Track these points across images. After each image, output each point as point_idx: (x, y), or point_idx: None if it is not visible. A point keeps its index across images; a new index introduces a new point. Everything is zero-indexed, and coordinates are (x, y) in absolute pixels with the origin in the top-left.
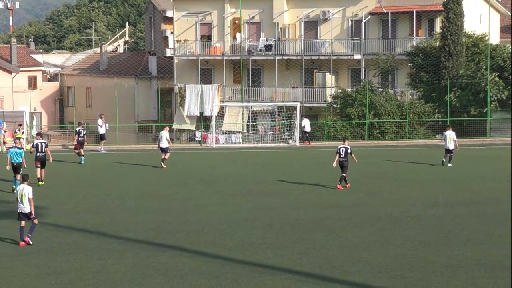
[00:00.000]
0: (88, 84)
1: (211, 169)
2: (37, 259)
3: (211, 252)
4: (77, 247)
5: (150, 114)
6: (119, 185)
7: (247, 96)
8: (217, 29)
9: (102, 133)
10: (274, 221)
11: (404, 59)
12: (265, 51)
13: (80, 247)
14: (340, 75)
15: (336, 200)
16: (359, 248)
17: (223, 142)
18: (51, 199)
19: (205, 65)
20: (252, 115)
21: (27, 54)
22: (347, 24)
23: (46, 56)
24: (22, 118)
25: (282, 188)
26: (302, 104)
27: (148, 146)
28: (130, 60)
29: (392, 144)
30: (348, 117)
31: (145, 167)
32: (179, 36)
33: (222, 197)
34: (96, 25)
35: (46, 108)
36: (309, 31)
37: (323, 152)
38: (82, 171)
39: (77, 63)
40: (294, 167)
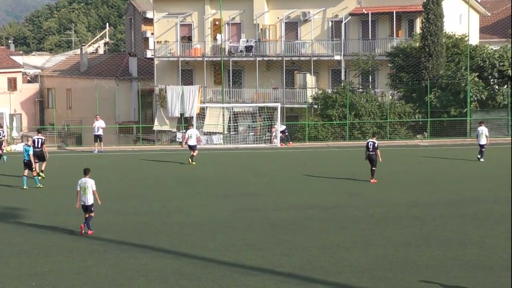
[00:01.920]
0: (68, 85)
1: (193, 170)
2: (18, 260)
3: (193, 253)
4: (58, 248)
5: (130, 115)
6: (99, 186)
7: (228, 97)
8: (197, 30)
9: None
10: (255, 222)
11: (384, 59)
12: (245, 52)
13: (61, 249)
14: (321, 76)
15: (317, 201)
16: (340, 249)
17: (204, 143)
18: (32, 201)
19: (185, 66)
20: (233, 116)
21: (6, 56)
22: (328, 25)
23: (26, 57)
24: (2, 120)
25: (263, 189)
26: (283, 105)
27: (129, 147)
28: (110, 62)
29: None
30: (328, 118)
31: (126, 168)
32: (159, 37)
33: (204, 198)
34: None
35: (26, 110)
36: (289, 32)
37: (304, 153)
38: (63, 172)
39: (57, 64)
40: (275, 168)
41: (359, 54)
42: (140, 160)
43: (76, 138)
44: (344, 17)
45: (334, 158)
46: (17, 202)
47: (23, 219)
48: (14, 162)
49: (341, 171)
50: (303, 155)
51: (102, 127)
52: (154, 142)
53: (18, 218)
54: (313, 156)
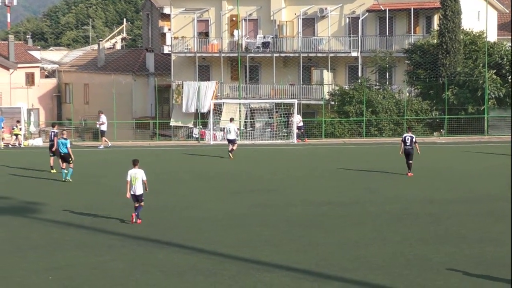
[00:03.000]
0: (86, 80)
1: (209, 166)
2: (35, 255)
3: (209, 249)
4: (75, 243)
5: (147, 110)
6: (116, 182)
7: (244, 93)
8: (214, 26)
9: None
10: (271, 218)
11: (401, 56)
12: (262, 48)
13: (78, 243)
14: (338, 72)
15: (334, 197)
16: (357, 245)
17: (220, 139)
18: (49, 195)
19: (202, 62)
20: (249, 112)
21: (24, 51)
22: (345, 21)
23: (44, 52)
24: (20, 115)
25: (279, 185)
26: (299, 101)
27: (146, 142)
28: (127, 57)
29: (389, 142)
30: (345, 114)
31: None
32: (176, 33)
33: (220, 194)
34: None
35: (44, 105)
36: (306, 28)
37: (320, 149)
38: (80, 168)
39: (74, 59)
40: (292, 164)
41: (376, 51)
42: (157, 155)
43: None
44: (361, 14)
45: (350, 154)
46: (34, 197)
47: (40, 213)
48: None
49: (357, 167)
50: (319, 151)
51: (104, 122)
52: (171, 137)
53: (35, 213)
54: (329, 153)
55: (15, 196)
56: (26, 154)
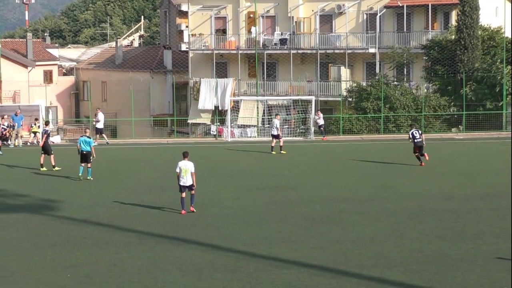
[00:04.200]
0: (104, 78)
1: (226, 163)
2: (53, 252)
3: (227, 246)
4: (93, 240)
5: (165, 108)
6: (134, 179)
7: (262, 90)
8: (232, 23)
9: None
10: (289, 215)
11: (419, 52)
12: (280, 45)
13: (96, 241)
14: (355, 68)
15: (351, 194)
16: (374, 242)
17: (238, 136)
18: (66, 193)
19: (220, 59)
20: (267, 109)
21: (42, 49)
22: (362, 17)
23: (62, 50)
24: (38, 112)
25: (297, 182)
26: (317, 98)
27: (163, 139)
28: (145, 54)
29: (407, 138)
30: (363, 111)
31: (160, 160)
32: (194, 30)
33: (237, 191)
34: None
35: (62, 102)
36: (324, 25)
37: (338, 146)
38: (97, 164)
39: (92, 57)
40: (309, 161)
41: (394, 47)
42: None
43: (111, 131)
44: (379, 10)
45: (368, 151)
46: (52, 195)
47: (58, 211)
48: None
49: (375, 164)
50: (337, 148)
51: (100, 120)
52: (189, 135)
53: (53, 211)
54: (347, 149)
55: (33, 193)
56: None
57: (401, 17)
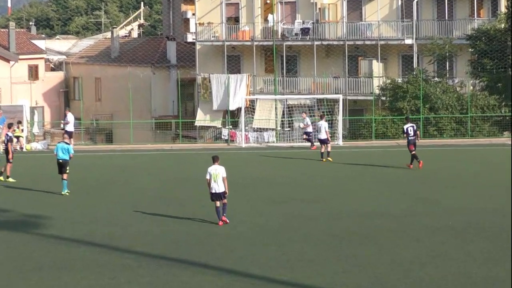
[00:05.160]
0: (98, 74)
1: (240, 172)
2: (39, 277)
3: (241, 269)
4: (85, 262)
5: (168, 108)
6: (132, 191)
7: (281, 87)
8: (245, 10)
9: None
10: (313, 233)
11: (463, 43)
12: (301, 35)
13: (88, 263)
14: (389, 62)
15: (386, 208)
16: (413, 265)
17: (253, 141)
18: (53, 207)
19: (232, 51)
20: (287, 109)
21: (27, 40)
22: (397, 3)
23: (49, 42)
24: (22, 114)
25: (322, 195)
26: (345, 97)
27: (167, 145)
28: (145, 47)
29: (451, 143)
30: (399, 111)
31: (163, 169)
32: (202, 18)
33: (253, 205)
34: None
35: (49, 102)
36: (352, 12)
37: (370, 152)
38: (89, 175)
39: (84, 49)
40: (336, 170)
41: (434, 38)
42: (179, 160)
43: (106, 135)
44: None
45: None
46: (37, 209)
47: (45, 228)
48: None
49: (413, 174)
50: (368, 155)
51: (69, 122)
52: (196, 139)
53: (39, 228)
54: (380, 156)
55: (15, 208)
56: (28, 159)
57: (442, 3)
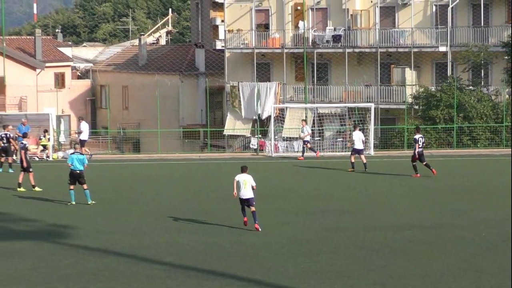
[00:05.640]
0: (125, 82)
1: (269, 182)
2: (65, 287)
3: (270, 280)
4: (112, 273)
5: (197, 117)
6: (160, 201)
7: (311, 95)
8: (275, 16)
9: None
10: (343, 245)
11: (499, 51)
12: (332, 43)
13: (116, 274)
14: (423, 70)
15: (417, 220)
16: (446, 277)
17: (283, 150)
18: (80, 217)
19: (261, 59)
20: (317, 118)
21: (53, 47)
22: (431, 9)
23: (76, 49)
24: (48, 122)
25: (352, 206)
26: (377, 106)
27: (195, 154)
28: (173, 54)
29: (485, 153)
30: (432, 120)
31: (191, 179)
32: (231, 25)
33: (282, 216)
34: (134, 13)
35: (76, 110)
36: (385, 19)
37: (402, 163)
38: (116, 184)
39: (111, 57)
40: (367, 180)
41: (469, 45)
42: (208, 170)
43: (133, 144)
44: (451, 1)
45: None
46: (64, 219)
47: (71, 238)
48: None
49: (445, 184)
50: (400, 165)
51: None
52: (225, 149)
53: (66, 238)
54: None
55: (41, 218)
56: (55, 169)
57: (477, 9)
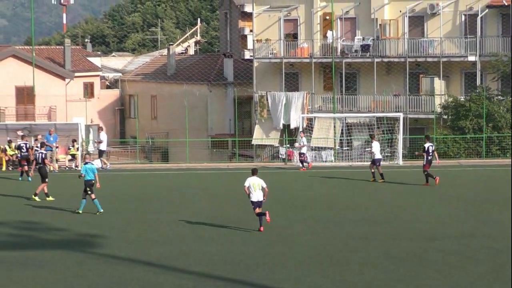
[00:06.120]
0: (153, 91)
1: (298, 192)
2: None
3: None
4: (141, 283)
5: (225, 126)
6: (188, 210)
7: (340, 105)
8: (304, 26)
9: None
10: (372, 255)
11: None
12: (361, 52)
13: (144, 283)
14: (452, 80)
15: (447, 230)
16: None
17: (311, 160)
18: (108, 226)
19: (290, 69)
20: (346, 128)
21: (82, 57)
22: (460, 19)
23: (105, 59)
24: (77, 132)
25: (382, 215)
26: (405, 115)
27: (223, 164)
28: (202, 64)
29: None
30: (461, 130)
31: (220, 188)
32: (259, 35)
33: (311, 225)
34: (162, 23)
35: (105, 120)
36: (414, 28)
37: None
38: (144, 194)
39: (140, 67)
40: (396, 190)
41: (499, 54)
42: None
43: (162, 154)
44: (480, 10)
45: (467, 178)
46: (92, 228)
47: (100, 248)
48: None
49: (475, 194)
50: None
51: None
52: (253, 158)
53: (94, 247)
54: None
55: (70, 227)
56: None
57: (507, 19)
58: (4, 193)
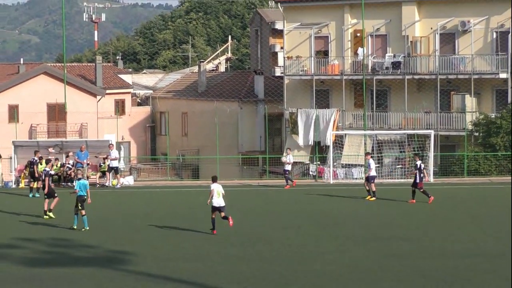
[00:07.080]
0: (184, 108)
1: (329, 209)
2: None
3: None
4: None
5: (256, 143)
6: (220, 228)
7: (370, 122)
8: (335, 43)
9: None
10: (404, 273)
11: None
12: (392, 69)
13: None
14: (483, 97)
15: (480, 248)
16: None
17: (342, 177)
18: (139, 243)
19: (320, 86)
20: (376, 145)
21: (114, 74)
22: (491, 36)
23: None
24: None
25: (413, 233)
26: (436, 132)
27: (254, 181)
28: (232, 81)
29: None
30: (492, 148)
31: (250, 206)
32: (290, 52)
33: (342, 243)
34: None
35: (136, 137)
36: (445, 45)
37: (462, 190)
38: (175, 211)
39: (171, 84)
40: (428, 207)
41: None
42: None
43: (192, 171)
44: (511, 27)
45: (498, 196)
46: (124, 245)
47: (131, 265)
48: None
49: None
50: (461, 192)
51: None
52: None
53: (125, 264)
54: (473, 194)
55: (101, 244)
56: (114, 195)
57: None
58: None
